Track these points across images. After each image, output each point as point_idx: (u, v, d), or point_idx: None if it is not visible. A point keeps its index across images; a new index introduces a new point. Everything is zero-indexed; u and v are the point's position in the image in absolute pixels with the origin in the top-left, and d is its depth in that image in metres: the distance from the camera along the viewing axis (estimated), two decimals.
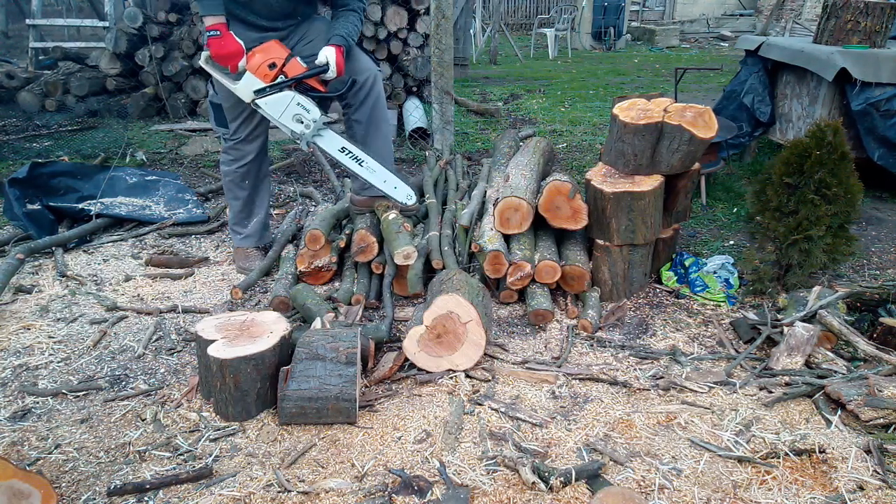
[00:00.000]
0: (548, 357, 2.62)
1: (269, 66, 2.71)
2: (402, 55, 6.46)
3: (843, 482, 1.89)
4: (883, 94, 3.82)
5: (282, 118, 2.74)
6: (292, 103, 2.72)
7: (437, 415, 2.22)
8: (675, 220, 3.21)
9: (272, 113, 2.75)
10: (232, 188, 3.28)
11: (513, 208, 3.00)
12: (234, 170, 3.21)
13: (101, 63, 6.73)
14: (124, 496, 1.87)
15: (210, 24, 2.69)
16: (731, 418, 2.20)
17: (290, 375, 2.14)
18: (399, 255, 2.84)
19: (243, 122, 3.08)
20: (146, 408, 2.28)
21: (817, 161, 2.78)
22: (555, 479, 1.86)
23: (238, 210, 3.34)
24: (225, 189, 3.34)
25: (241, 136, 3.11)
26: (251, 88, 2.72)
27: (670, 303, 3.06)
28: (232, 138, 3.15)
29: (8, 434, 2.13)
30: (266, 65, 2.70)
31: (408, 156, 5.39)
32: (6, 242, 3.55)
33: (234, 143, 3.15)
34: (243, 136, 3.11)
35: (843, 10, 4.16)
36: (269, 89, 2.71)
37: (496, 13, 12.04)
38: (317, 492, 1.88)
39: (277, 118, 2.74)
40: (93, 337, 2.72)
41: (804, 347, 2.45)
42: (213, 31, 2.69)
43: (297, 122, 2.74)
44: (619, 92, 8.20)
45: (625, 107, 3.00)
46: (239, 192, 3.27)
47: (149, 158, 5.25)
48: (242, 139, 3.12)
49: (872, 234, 3.81)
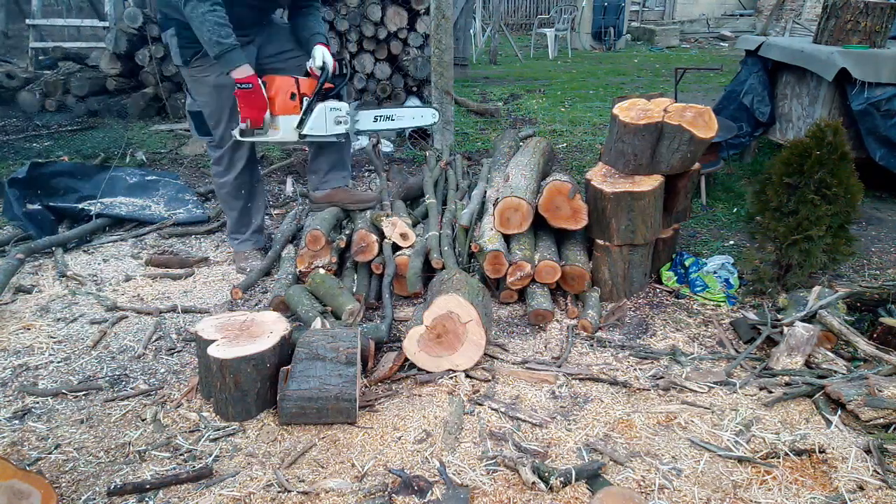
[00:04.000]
0: (548, 357, 2.62)
1: (289, 98, 2.76)
2: (402, 55, 6.46)
3: (843, 482, 1.89)
4: (883, 94, 3.81)
5: (328, 130, 2.80)
6: (326, 112, 2.78)
7: (437, 415, 2.22)
8: (675, 220, 3.21)
9: (320, 132, 2.79)
10: (228, 200, 3.25)
11: (513, 208, 3.00)
12: (230, 181, 3.16)
13: (101, 63, 6.72)
14: (124, 496, 1.87)
15: (241, 76, 2.64)
16: (731, 418, 2.20)
17: (290, 375, 2.14)
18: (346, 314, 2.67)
19: (227, 126, 3.00)
20: (146, 408, 2.28)
21: (817, 161, 2.77)
22: (555, 479, 1.86)
23: (235, 219, 3.33)
24: (221, 201, 3.32)
25: (230, 141, 3.03)
26: (292, 126, 2.75)
27: (670, 303, 3.05)
28: (220, 146, 3.09)
29: (8, 434, 2.13)
30: (287, 98, 2.75)
31: (408, 156, 5.39)
32: (6, 242, 3.55)
33: (223, 150, 3.09)
34: (231, 142, 3.04)
35: (843, 10, 4.16)
36: (305, 116, 2.76)
37: (496, 13, 12.04)
38: (317, 492, 1.88)
39: (326, 133, 2.79)
40: (93, 337, 2.72)
41: (804, 347, 2.45)
42: (245, 85, 2.64)
43: (338, 125, 2.80)
44: (619, 92, 8.20)
45: (625, 107, 3.00)
46: (235, 203, 3.26)
47: (149, 158, 5.25)
48: (231, 145, 3.05)
49: (872, 234, 3.81)
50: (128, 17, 6.33)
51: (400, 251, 3.08)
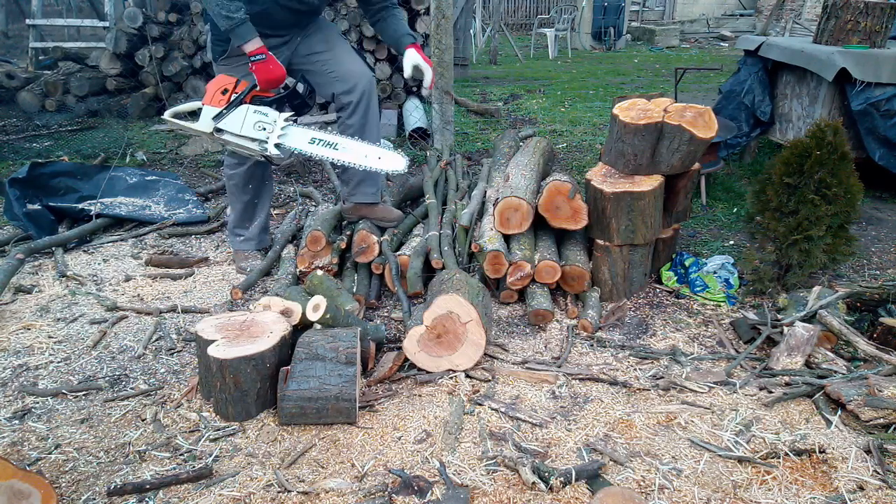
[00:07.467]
0: (548, 357, 2.62)
1: (221, 93, 2.77)
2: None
3: (843, 482, 1.89)
4: (883, 94, 3.81)
5: (244, 130, 2.76)
6: (249, 113, 2.75)
7: (437, 415, 2.22)
8: (675, 220, 3.21)
9: (234, 129, 2.76)
10: (235, 192, 3.28)
11: (513, 208, 3.00)
12: (240, 173, 3.19)
13: (101, 63, 6.72)
14: (124, 496, 1.87)
15: (252, 49, 2.69)
16: (731, 418, 2.20)
17: (289, 375, 2.14)
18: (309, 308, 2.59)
19: None
20: (146, 408, 2.28)
21: (817, 161, 2.77)
22: (555, 479, 1.86)
23: (240, 213, 3.34)
24: (228, 192, 3.35)
25: None
26: (210, 117, 2.76)
27: (670, 303, 3.05)
28: None
29: (8, 434, 2.13)
30: (219, 92, 2.76)
31: (408, 156, 5.38)
32: (6, 242, 3.55)
33: None
34: None
35: (843, 10, 4.16)
36: (226, 111, 2.75)
37: (496, 13, 12.04)
38: (317, 492, 1.88)
39: (240, 131, 2.76)
40: (93, 337, 2.72)
41: (804, 347, 2.45)
42: (258, 56, 2.69)
43: (259, 130, 2.77)
44: (619, 92, 8.20)
45: (625, 107, 3.00)
46: (242, 196, 3.27)
47: (149, 158, 5.25)
48: None
49: (872, 234, 3.81)
50: (128, 17, 6.33)
51: (400, 252, 3.08)
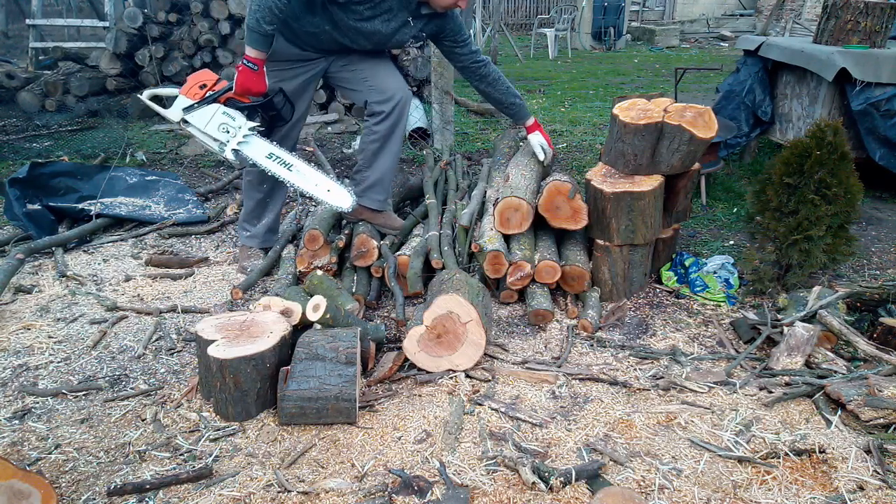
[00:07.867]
0: (548, 357, 2.62)
1: (199, 87, 2.78)
2: (402, 55, 6.46)
3: (843, 482, 1.89)
4: (883, 94, 3.81)
5: (207, 128, 2.79)
6: (217, 113, 2.77)
7: (437, 415, 2.22)
8: (675, 220, 3.21)
9: (199, 124, 2.78)
10: (249, 188, 3.31)
11: (513, 208, 3.00)
12: (256, 170, 3.17)
13: (101, 63, 6.73)
14: (124, 496, 1.87)
15: (251, 56, 2.70)
16: (731, 418, 2.20)
17: (289, 375, 2.14)
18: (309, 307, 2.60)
19: None
20: (146, 408, 2.28)
21: (817, 161, 2.77)
22: (555, 479, 1.86)
23: (251, 209, 3.37)
24: (243, 186, 3.39)
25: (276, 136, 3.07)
26: (180, 107, 2.77)
27: (670, 303, 3.05)
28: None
29: (8, 434, 2.13)
30: (197, 85, 2.78)
31: (408, 156, 5.39)
32: (6, 242, 3.55)
33: None
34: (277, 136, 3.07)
35: (843, 10, 4.16)
36: (198, 105, 2.77)
37: (496, 13, 12.03)
38: (317, 492, 1.88)
39: (203, 128, 2.78)
40: (93, 337, 2.72)
41: (804, 347, 2.45)
42: (250, 63, 2.70)
43: (223, 132, 2.79)
44: (619, 92, 8.20)
45: (625, 107, 3.00)
46: (255, 193, 3.29)
47: (149, 158, 5.25)
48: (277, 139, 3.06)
49: (872, 234, 3.81)
50: (128, 17, 6.34)
51: (399, 252, 3.08)
